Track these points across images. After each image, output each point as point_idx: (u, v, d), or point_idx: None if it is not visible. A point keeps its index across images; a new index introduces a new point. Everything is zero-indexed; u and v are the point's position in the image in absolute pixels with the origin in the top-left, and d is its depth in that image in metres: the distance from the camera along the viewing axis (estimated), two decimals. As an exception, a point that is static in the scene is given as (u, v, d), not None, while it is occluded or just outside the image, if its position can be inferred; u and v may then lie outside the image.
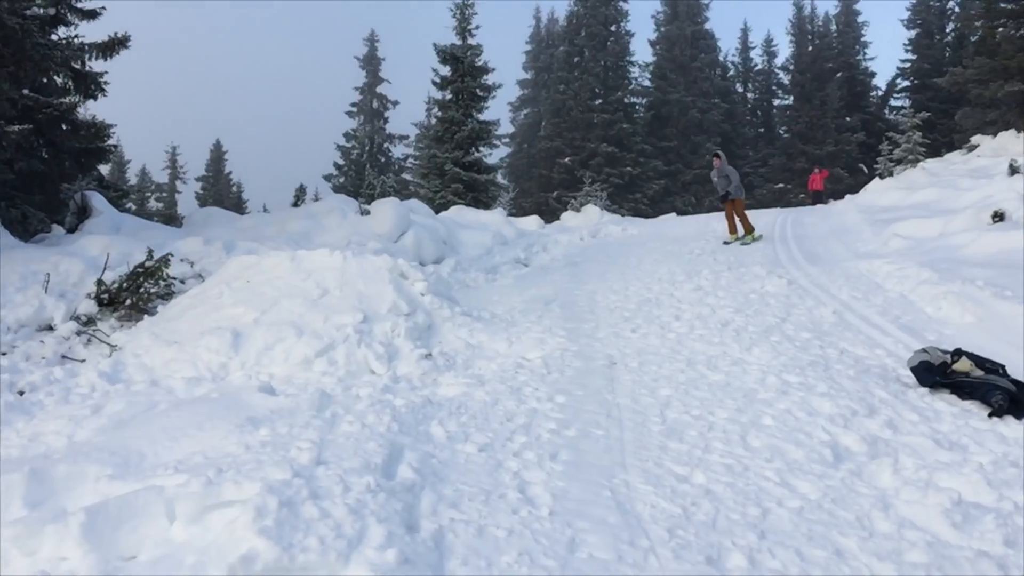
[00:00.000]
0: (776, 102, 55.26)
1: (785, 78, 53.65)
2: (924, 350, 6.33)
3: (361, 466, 4.25)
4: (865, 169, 38.83)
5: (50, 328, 8.13)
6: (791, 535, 3.86)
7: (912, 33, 46.75)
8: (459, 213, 20.08)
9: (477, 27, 30.70)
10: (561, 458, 4.86)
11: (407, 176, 48.13)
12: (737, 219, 15.27)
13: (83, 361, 7.48)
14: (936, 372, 6.04)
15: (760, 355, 7.09)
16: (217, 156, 59.08)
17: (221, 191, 57.21)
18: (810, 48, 50.78)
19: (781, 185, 45.84)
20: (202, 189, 57.94)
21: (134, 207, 39.63)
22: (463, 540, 3.71)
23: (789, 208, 26.73)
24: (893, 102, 49.07)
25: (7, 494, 4.03)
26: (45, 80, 13.68)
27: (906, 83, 47.40)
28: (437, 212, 20.00)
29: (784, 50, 55.42)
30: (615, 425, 5.51)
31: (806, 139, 46.27)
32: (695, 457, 4.85)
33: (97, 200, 13.58)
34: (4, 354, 7.49)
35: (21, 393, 6.42)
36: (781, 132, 52.98)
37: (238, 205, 53.11)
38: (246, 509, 3.51)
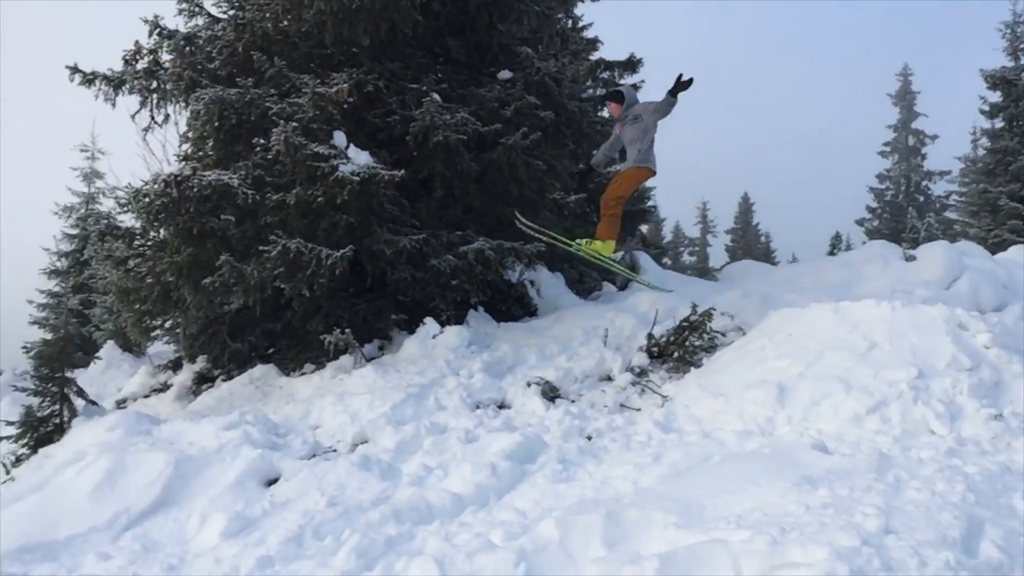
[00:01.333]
0: None
1: None
2: None
3: (936, 539, 3.86)
4: None
5: (609, 379, 8.91)
6: None
7: None
8: (1020, 254, 17.75)
9: (1031, 43, 27.38)
10: None
11: (950, 215, 44.13)
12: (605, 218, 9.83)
13: (639, 410, 8.04)
14: None
15: None
16: (745, 208, 60.51)
17: (750, 242, 58.32)
18: None
19: None
20: (731, 241, 59.68)
21: (669, 262, 42.27)
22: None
23: None
24: None
25: (587, 532, 4.44)
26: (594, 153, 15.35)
27: None
28: (992, 253, 17.94)
29: None
30: None
31: None
32: None
33: (644, 259, 14.70)
34: (573, 401, 8.38)
35: (589, 438, 7.08)
36: None
37: (766, 255, 53.60)
38: (814, 573, 3.39)
